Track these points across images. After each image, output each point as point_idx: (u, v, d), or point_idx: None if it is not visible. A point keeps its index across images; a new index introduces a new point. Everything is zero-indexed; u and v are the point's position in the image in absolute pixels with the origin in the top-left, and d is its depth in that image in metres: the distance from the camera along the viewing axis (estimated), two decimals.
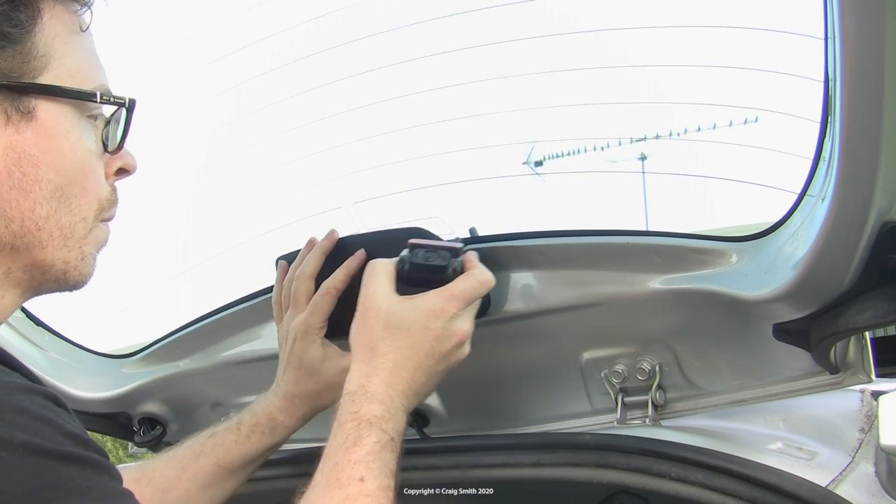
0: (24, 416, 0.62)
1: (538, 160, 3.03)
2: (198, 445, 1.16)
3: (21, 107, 0.76)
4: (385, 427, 0.92)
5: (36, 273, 0.81)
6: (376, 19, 1.72)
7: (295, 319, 1.16)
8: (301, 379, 1.15)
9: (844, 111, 0.76)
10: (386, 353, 0.97)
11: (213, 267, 1.88)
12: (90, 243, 0.83)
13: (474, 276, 1.01)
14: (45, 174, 0.78)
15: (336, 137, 1.86)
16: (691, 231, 1.12)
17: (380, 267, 1.02)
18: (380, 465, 0.89)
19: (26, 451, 0.60)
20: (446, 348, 0.98)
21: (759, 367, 1.16)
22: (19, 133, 0.76)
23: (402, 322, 0.98)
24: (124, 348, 1.64)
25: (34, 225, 0.78)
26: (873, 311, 0.93)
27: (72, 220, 0.80)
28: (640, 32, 1.60)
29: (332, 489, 0.87)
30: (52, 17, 0.79)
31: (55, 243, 0.80)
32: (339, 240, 1.20)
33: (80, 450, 0.64)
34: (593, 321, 1.20)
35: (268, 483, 1.29)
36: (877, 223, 0.84)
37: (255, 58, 1.81)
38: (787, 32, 1.20)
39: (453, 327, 0.98)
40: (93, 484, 0.63)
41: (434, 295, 0.99)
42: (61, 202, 0.79)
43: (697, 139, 2.19)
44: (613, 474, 1.09)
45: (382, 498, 0.87)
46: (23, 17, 0.76)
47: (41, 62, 0.77)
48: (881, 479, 1.02)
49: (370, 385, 0.95)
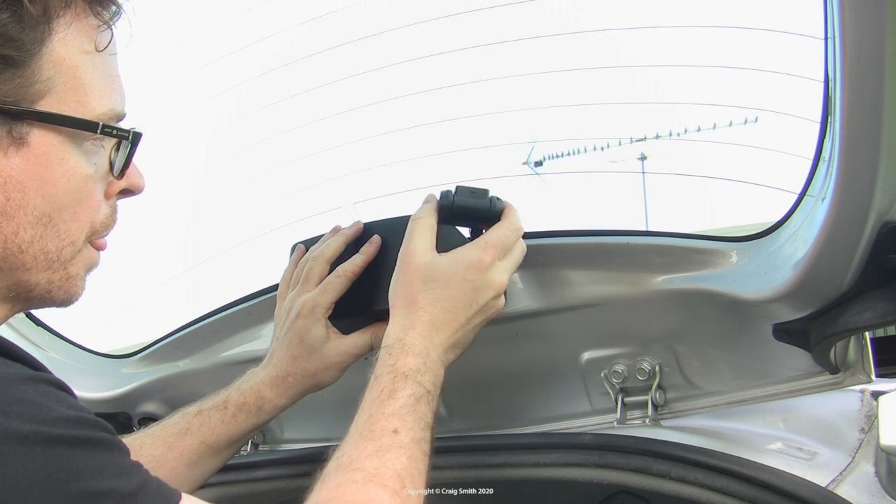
0: (29, 406, 0.63)
1: (538, 160, 3.03)
2: (184, 423, 1.15)
3: (13, 132, 0.74)
4: (421, 380, 0.93)
5: (22, 291, 0.80)
6: (376, 19, 1.72)
7: (302, 296, 1.15)
8: (299, 357, 1.14)
9: (844, 111, 0.76)
10: (424, 307, 0.99)
11: (213, 267, 1.88)
12: (77, 265, 0.83)
13: (506, 224, 1.05)
14: (32, 200, 0.76)
15: (336, 137, 1.86)
16: (691, 231, 1.12)
17: (422, 223, 1.05)
18: (414, 417, 0.90)
19: (36, 440, 0.62)
20: (484, 300, 1.01)
21: (759, 367, 1.16)
22: (7, 158, 0.74)
23: (441, 275, 1.00)
24: (124, 348, 1.64)
25: (17, 248, 0.77)
26: (873, 311, 0.93)
27: (59, 244, 0.80)
28: (640, 32, 1.60)
29: (365, 441, 0.87)
30: (65, 36, 0.77)
31: (39, 266, 0.79)
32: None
33: (87, 431, 0.65)
34: (593, 321, 1.20)
35: (268, 483, 1.30)
36: (877, 223, 0.84)
37: (254, 58, 1.81)
38: (787, 32, 1.20)
39: (490, 279, 1.01)
40: (103, 462, 0.65)
41: (470, 247, 1.02)
42: (48, 227, 0.78)
43: (697, 139, 2.20)
44: (613, 474, 1.08)
45: (416, 450, 0.87)
46: (28, 40, 0.74)
47: (43, 87, 0.75)
48: (881, 480, 1.02)
49: (408, 338, 0.97)
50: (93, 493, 0.63)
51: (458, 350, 1.02)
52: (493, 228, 1.05)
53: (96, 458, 0.65)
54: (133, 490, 0.65)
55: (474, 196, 1.08)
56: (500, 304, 1.04)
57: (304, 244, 1.25)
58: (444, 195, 1.09)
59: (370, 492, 0.81)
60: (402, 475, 0.84)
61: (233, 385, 1.18)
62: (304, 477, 0.91)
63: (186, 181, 2.02)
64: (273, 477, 1.30)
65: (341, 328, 1.16)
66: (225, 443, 1.15)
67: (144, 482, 0.67)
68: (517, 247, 1.07)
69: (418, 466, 0.87)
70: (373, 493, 0.81)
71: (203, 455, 1.14)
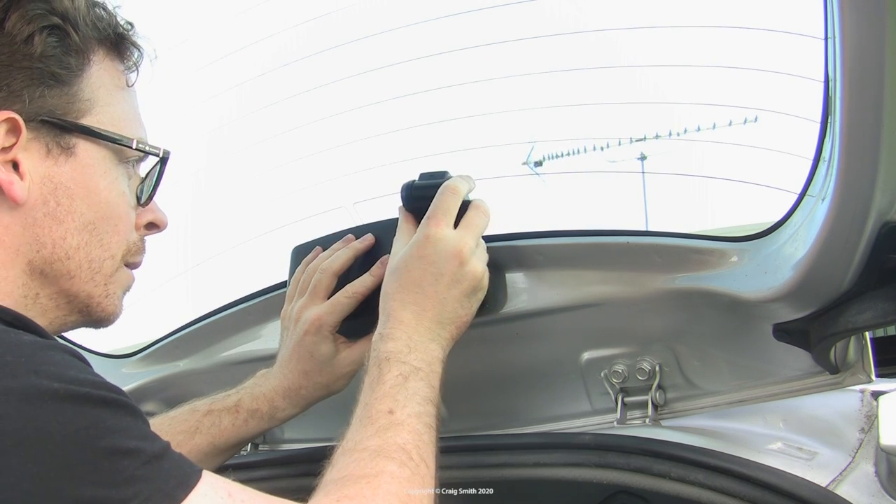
0: (57, 366, 0.67)
1: (538, 160, 3.02)
2: (194, 421, 1.17)
3: (62, 142, 0.83)
4: (405, 359, 0.97)
5: (62, 303, 0.86)
6: (376, 20, 1.72)
7: (308, 311, 1.16)
8: (310, 371, 1.16)
9: (844, 111, 0.76)
10: (393, 296, 1.03)
11: (213, 267, 1.88)
12: (116, 283, 0.89)
13: (441, 191, 1.07)
14: (79, 207, 0.84)
15: (336, 137, 1.86)
16: (691, 231, 1.12)
17: (399, 231, 1.10)
18: (406, 394, 0.94)
19: (66, 396, 0.65)
20: (447, 269, 1.03)
21: (759, 367, 1.16)
22: (58, 166, 0.83)
23: (400, 262, 1.05)
24: (124, 348, 1.64)
25: (64, 254, 0.84)
26: (873, 311, 0.92)
27: (101, 254, 0.86)
28: (640, 32, 1.60)
29: (364, 426, 0.90)
30: (100, 68, 0.87)
31: (83, 275, 0.85)
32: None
33: (111, 394, 0.69)
34: (593, 321, 1.20)
35: (268, 483, 1.29)
36: (877, 223, 0.84)
37: (254, 58, 1.81)
38: (787, 32, 1.21)
39: (444, 247, 1.03)
40: (128, 423, 0.68)
41: (419, 227, 1.06)
42: (92, 235, 0.85)
43: (697, 139, 2.20)
44: (613, 474, 1.08)
45: (416, 424, 0.91)
46: (73, 63, 0.84)
47: (85, 105, 0.85)
48: (881, 479, 1.02)
49: (384, 329, 1.01)
50: (121, 450, 0.66)
51: (451, 326, 1.04)
52: (433, 201, 1.06)
53: (122, 418, 0.68)
54: (158, 452, 0.69)
55: (431, 177, 1.10)
56: (473, 270, 1.04)
57: (304, 246, 1.25)
58: (404, 186, 1.11)
59: (378, 464, 0.85)
60: (406, 447, 0.88)
61: (244, 387, 1.20)
62: (304, 477, 0.91)
63: (186, 181, 2.02)
64: (273, 477, 1.30)
65: (347, 330, 1.16)
66: (233, 445, 1.18)
67: (167, 448, 0.71)
68: (470, 211, 1.08)
69: (423, 438, 0.91)
70: (381, 465, 0.85)
71: (209, 454, 1.16)
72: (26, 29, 0.81)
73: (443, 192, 1.07)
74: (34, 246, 0.82)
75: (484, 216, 1.08)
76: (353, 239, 1.21)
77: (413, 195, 1.10)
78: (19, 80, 0.80)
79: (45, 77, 0.81)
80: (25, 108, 0.80)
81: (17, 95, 0.80)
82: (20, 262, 0.82)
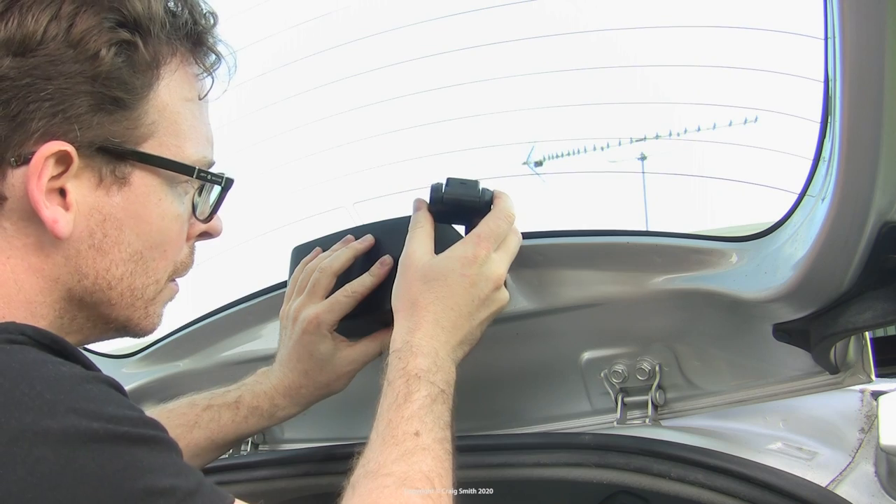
0: (96, 403, 0.65)
1: (538, 160, 3.03)
2: (193, 415, 1.16)
3: (117, 171, 0.77)
4: (433, 379, 0.94)
5: (99, 323, 0.83)
6: (376, 19, 1.72)
7: (307, 309, 1.15)
8: (310, 370, 1.15)
9: (844, 111, 0.76)
10: (427, 307, 1.00)
11: (213, 267, 1.88)
12: (157, 303, 0.86)
13: (495, 214, 1.05)
14: (128, 237, 0.79)
15: (336, 137, 1.86)
16: (691, 231, 1.11)
17: (418, 230, 1.07)
18: (433, 417, 0.91)
19: (104, 437, 0.64)
20: (484, 293, 1.02)
21: (759, 367, 1.16)
22: (109, 196, 0.77)
23: (439, 274, 1.01)
24: (124, 348, 1.64)
25: (106, 284, 0.79)
26: (873, 311, 0.92)
27: (145, 282, 0.82)
28: (640, 32, 1.60)
29: (388, 446, 0.87)
30: (169, 82, 0.80)
31: (124, 303, 0.82)
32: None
33: (149, 430, 0.67)
34: (593, 321, 1.20)
35: (268, 483, 1.29)
36: (877, 223, 0.84)
37: (254, 58, 1.81)
38: (787, 32, 1.20)
39: (488, 272, 1.02)
40: (164, 461, 0.67)
41: (463, 243, 1.03)
42: (138, 265, 0.81)
43: (697, 139, 2.20)
44: (613, 474, 1.08)
45: (440, 450, 0.88)
46: (138, 84, 0.76)
47: (147, 130, 0.78)
48: (881, 480, 1.02)
49: (414, 340, 0.98)
50: (157, 490, 0.64)
51: (467, 347, 1.03)
52: (484, 220, 1.05)
53: (158, 456, 0.66)
54: (192, 489, 0.67)
55: (465, 187, 1.08)
56: (503, 296, 1.05)
57: (303, 247, 1.25)
58: (434, 188, 1.09)
59: (403, 496, 0.82)
60: (431, 476, 0.85)
61: (244, 384, 1.19)
62: (304, 477, 0.91)
63: None
64: (273, 477, 1.30)
65: (346, 331, 1.16)
66: (231, 441, 1.17)
67: (201, 482, 0.69)
68: (511, 235, 1.07)
69: (444, 466, 0.88)
70: (405, 497, 0.82)
71: (207, 449, 1.15)
72: (92, 46, 0.72)
73: (498, 215, 1.05)
74: (75, 276, 0.77)
75: (519, 240, 1.08)
76: (353, 239, 1.20)
77: (445, 199, 1.08)
78: (77, 106, 0.73)
79: (105, 102, 0.74)
80: (79, 136, 0.73)
81: (71, 122, 0.73)
82: (59, 290, 0.78)
